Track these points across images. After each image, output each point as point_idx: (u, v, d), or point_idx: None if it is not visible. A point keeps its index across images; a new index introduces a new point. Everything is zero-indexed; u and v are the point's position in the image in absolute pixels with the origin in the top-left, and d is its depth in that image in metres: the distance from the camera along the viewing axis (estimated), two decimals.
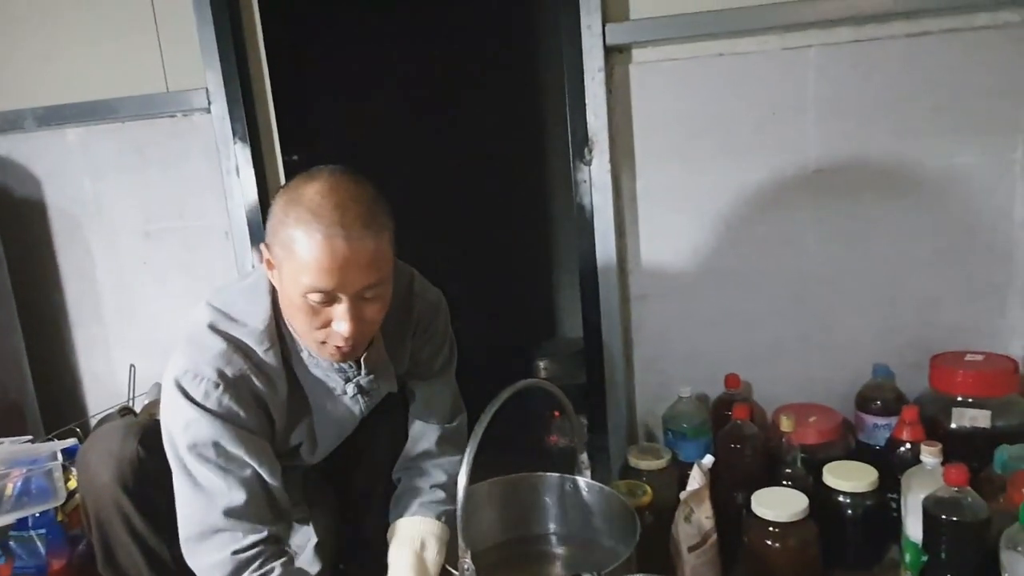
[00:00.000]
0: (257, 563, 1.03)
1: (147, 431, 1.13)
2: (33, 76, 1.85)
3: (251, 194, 1.77)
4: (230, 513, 1.03)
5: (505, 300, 2.86)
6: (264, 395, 1.09)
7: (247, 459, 1.05)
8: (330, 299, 0.99)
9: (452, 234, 2.79)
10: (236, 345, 1.07)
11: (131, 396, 1.86)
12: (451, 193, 2.79)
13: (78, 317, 2.00)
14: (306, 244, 0.95)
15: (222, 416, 1.04)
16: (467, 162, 2.78)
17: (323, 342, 1.04)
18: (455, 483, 1.06)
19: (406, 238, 1.29)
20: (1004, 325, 1.57)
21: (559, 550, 1.39)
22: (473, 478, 1.07)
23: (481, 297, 2.73)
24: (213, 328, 1.07)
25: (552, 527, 1.41)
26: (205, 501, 1.04)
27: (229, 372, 1.05)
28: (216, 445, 1.03)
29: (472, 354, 1.67)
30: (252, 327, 1.08)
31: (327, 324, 1.01)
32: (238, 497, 1.04)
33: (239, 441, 1.04)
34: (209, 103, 1.75)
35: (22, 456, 1.39)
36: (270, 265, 1.04)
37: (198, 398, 1.04)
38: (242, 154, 1.76)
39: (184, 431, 1.04)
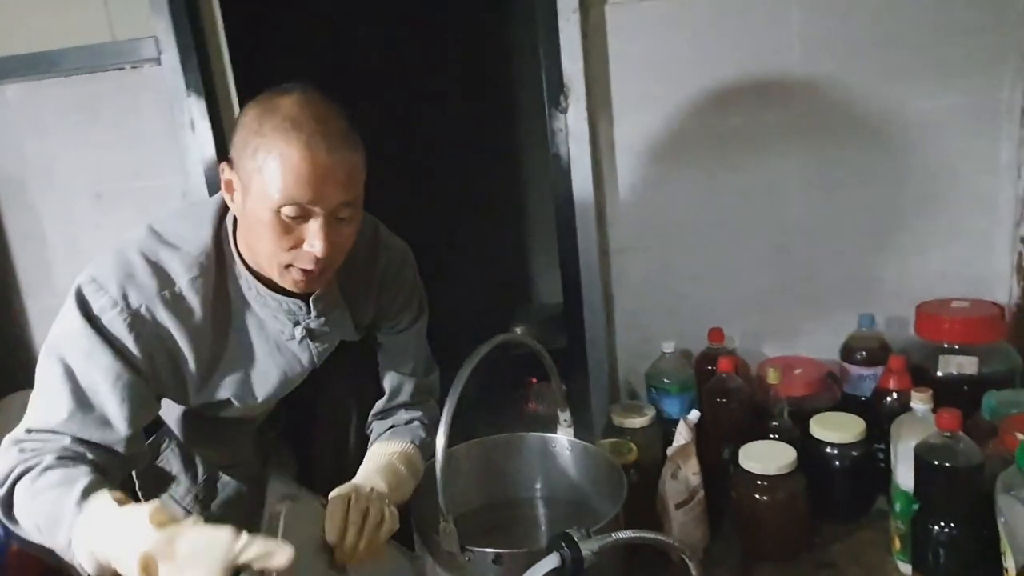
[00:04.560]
0: (33, 451, 0.94)
1: None
2: None
3: (208, 150, 1.67)
4: (33, 427, 0.96)
5: (479, 266, 2.80)
6: (172, 333, 1.01)
7: (104, 398, 0.96)
8: (304, 214, 0.94)
9: (420, 198, 2.71)
10: (155, 270, 1.00)
11: None
12: (417, 154, 2.71)
13: (29, 287, 1.89)
14: (284, 154, 0.91)
15: (107, 339, 0.97)
16: (433, 121, 2.68)
17: (288, 265, 0.98)
18: (434, 423, 1.01)
19: (372, 203, 1.22)
20: (989, 271, 1.54)
21: (543, 512, 1.34)
22: (449, 445, 1.01)
23: (454, 264, 2.66)
24: (139, 245, 1.02)
25: (535, 489, 1.36)
26: (37, 410, 0.97)
27: (132, 298, 0.98)
28: (84, 368, 0.96)
29: (446, 322, 1.61)
30: (185, 251, 1.02)
31: (297, 244, 0.96)
32: (55, 418, 0.95)
33: (109, 374, 0.96)
34: (159, 53, 1.63)
35: None
36: (229, 187, 0.99)
37: (94, 309, 0.98)
38: (197, 108, 1.65)
39: (63, 334, 0.98)
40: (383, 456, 1.13)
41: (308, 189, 0.92)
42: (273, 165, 0.91)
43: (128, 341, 0.98)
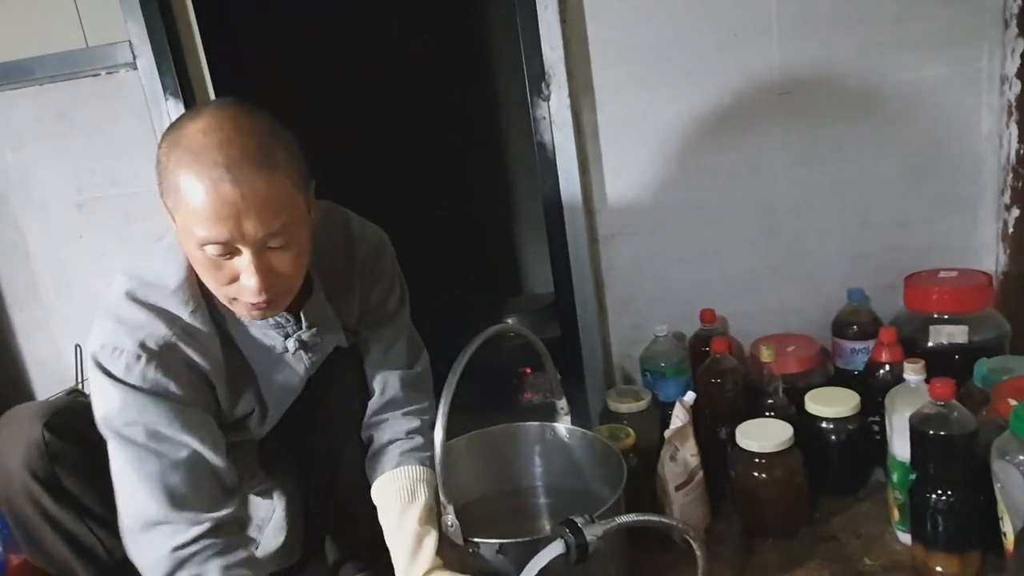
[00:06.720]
0: (196, 560, 0.94)
1: (55, 412, 1.05)
2: None
3: None
4: (170, 502, 0.95)
5: (468, 260, 2.79)
6: (198, 362, 1.00)
7: (183, 437, 0.96)
8: (230, 251, 0.88)
9: (407, 194, 2.69)
10: (157, 312, 0.97)
11: (79, 378, 1.76)
12: (402, 148, 2.69)
13: (14, 300, 1.87)
14: (191, 191, 0.84)
15: (149, 391, 0.95)
16: (415, 114, 2.67)
17: (234, 299, 0.94)
18: (430, 427, 1.00)
19: (357, 201, 1.20)
20: (975, 240, 1.56)
21: (544, 500, 1.35)
22: (447, 437, 1.01)
23: (443, 258, 2.66)
24: (130, 296, 0.98)
25: (535, 477, 1.37)
26: (141, 489, 0.95)
27: (151, 343, 0.95)
28: (145, 425, 0.95)
29: (438, 317, 1.61)
30: (169, 289, 0.98)
31: (234, 279, 0.91)
32: (175, 482, 0.95)
33: (171, 417, 0.96)
34: (134, 57, 1.61)
35: None
36: (173, 218, 0.94)
37: (119, 374, 0.94)
38: (175, 111, 1.62)
39: (109, 412, 0.96)
40: (405, 508, 1.08)
41: (221, 227, 0.85)
42: (184, 204, 0.85)
43: (166, 382, 0.96)
